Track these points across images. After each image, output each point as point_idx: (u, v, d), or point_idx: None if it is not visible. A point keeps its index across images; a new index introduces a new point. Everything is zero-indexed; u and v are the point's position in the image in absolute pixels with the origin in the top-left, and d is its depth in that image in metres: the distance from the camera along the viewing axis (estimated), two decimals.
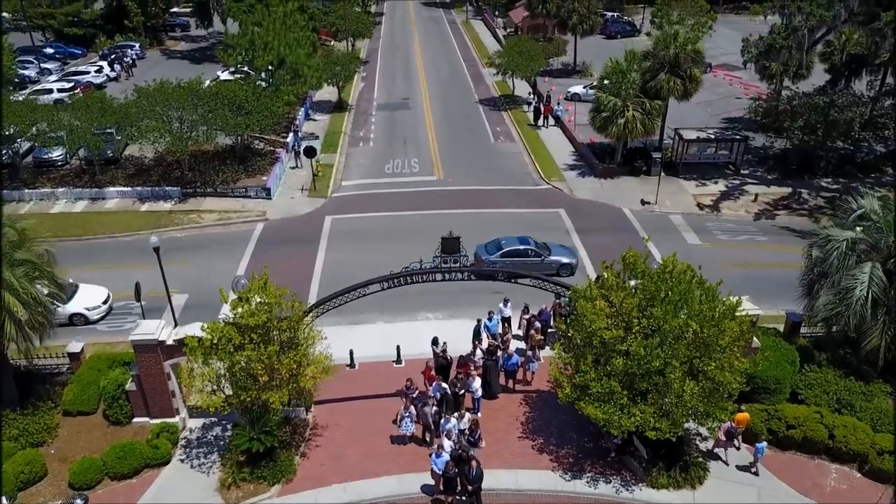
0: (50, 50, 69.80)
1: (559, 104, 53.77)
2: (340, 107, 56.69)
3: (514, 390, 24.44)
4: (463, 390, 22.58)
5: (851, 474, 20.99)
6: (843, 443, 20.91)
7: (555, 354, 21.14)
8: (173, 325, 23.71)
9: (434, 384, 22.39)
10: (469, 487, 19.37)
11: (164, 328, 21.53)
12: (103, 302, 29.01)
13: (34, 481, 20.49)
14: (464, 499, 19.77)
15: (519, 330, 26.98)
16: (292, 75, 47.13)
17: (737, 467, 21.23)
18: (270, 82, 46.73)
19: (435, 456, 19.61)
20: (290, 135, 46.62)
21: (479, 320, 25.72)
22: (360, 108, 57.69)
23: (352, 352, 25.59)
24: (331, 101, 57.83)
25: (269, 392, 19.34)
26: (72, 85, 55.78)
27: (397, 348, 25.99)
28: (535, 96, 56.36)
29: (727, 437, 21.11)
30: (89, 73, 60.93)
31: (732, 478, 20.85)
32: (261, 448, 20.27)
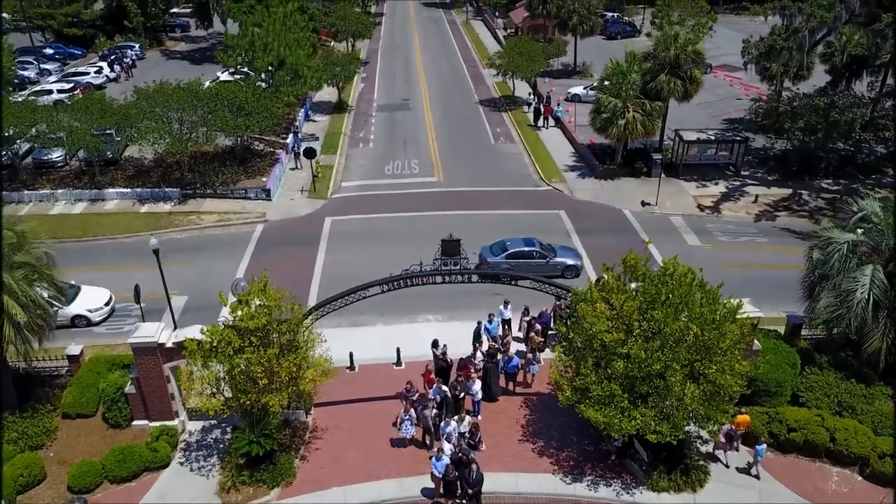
0: (49, 50, 69.66)
1: (559, 105, 53.72)
2: (340, 108, 56.63)
3: (514, 393, 24.40)
4: (463, 393, 22.52)
5: (852, 477, 20.95)
6: (845, 446, 20.87)
7: (555, 357, 21.10)
8: (173, 328, 23.63)
9: (434, 387, 22.33)
10: (469, 491, 19.34)
11: (163, 331, 21.46)
12: (105, 304, 28.94)
13: (33, 485, 20.45)
14: (464, 502, 19.70)
15: (519, 332, 26.93)
16: (292, 76, 47.12)
17: (737, 469, 21.20)
18: (270, 83, 46.69)
19: (435, 459, 19.56)
20: (290, 136, 46.56)
21: (480, 322, 25.64)
22: (360, 109, 57.62)
23: (352, 354, 25.53)
24: (331, 101, 57.76)
25: (268, 395, 19.26)
26: (71, 86, 55.64)
27: (397, 350, 25.93)
28: (536, 97, 56.29)
29: (727, 439, 21.07)
30: (89, 74, 60.81)
31: (733, 481, 20.81)
32: (260, 451, 20.23)
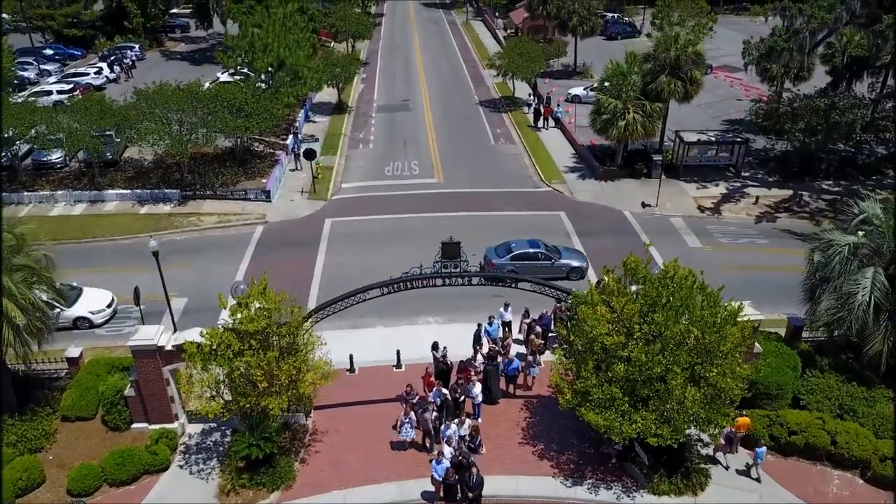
0: (49, 51, 69.56)
1: (559, 106, 53.67)
2: (340, 108, 56.55)
3: (514, 395, 24.35)
4: (463, 396, 22.47)
5: (854, 481, 20.90)
6: (846, 449, 20.82)
7: (556, 360, 21.05)
8: (172, 331, 23.57)
9: (434, 390, 22.27)
10: (469, 494, 19.30)
11: (162, 333, 21.42)
12: (107, 305, 28.87)
13: (32, 488, 20.41)
14: None
15: (519, 334, 26.87)
16: (292, 77, 47.05)
17: (737, 471, 21.17)
18: (270, 84, 46.62)
19: (435, 462, 19.52)
20: (290, 137, 46.49)
21: (480, 325, 25.60)
22: (360, 110, 57.56)
23: (351, 356, 25.47)
24: (331, 102, 57.68)
25: (268, 398, 19.22)
26: (71, 86, 55.55)
27: (397, 353, 25.86)
28: (536, 98, 56.22)
29: (726, 441, 21.05)
30: (89, 75, 60.70)
31: (734, 484, 20.77)
32: (260, 454, 20.20)
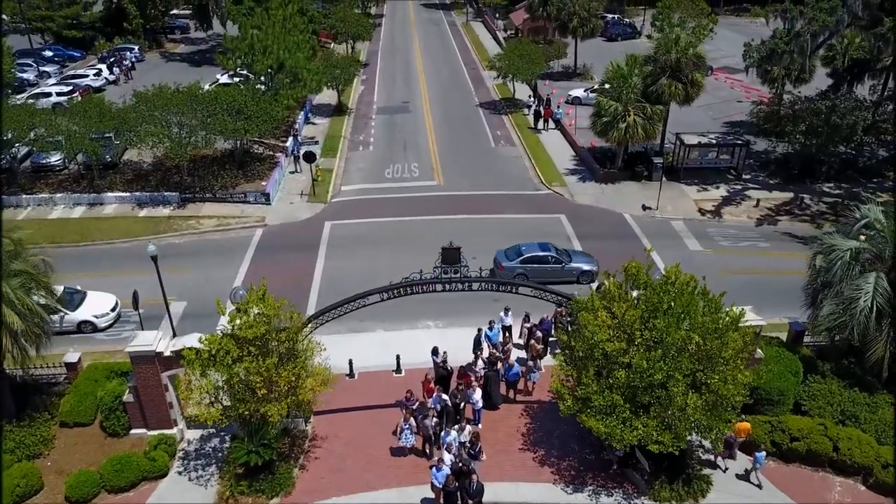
0: (49, 53, 69.43)
1: (559, 107, 53.57)
2: (340, 110, 56.43)
3: (515, 400, 24.24)
4: (463, 402, 22.36)
5: (856, 487, 20.80)
6: (848, 455, 20.72)
7: (556, 365, 20.94)
8: (171, 336, 23.48)
9: (434, 396, 22.15)
10: (470, 502, 19.19)
11: (161, 339, 21.30)
12: (111, 309, 28.71)
13: (30, 495, 20.28)
14: None
15: (520, 339, 26.76)
16: (292, 79, 46.93)
17: (736, 476, 21.10)
18: (270, 86, 46.50)
19: (435, 469, 19.41)
20: (290, 139, 46.36)
21: (480, 329, 25.50)
22: (360, 112, 57.43)
23: (351, 361, 25.35)
24: (330, 104, 57.57)
25: (267, 405, 19.11)
26: (70, 88, 55.42)
27: (397, 357, 25.74)
28: (536, 99, 56.15)
29: (726, 446, 20.97)
30: (88, 77, 60.57)
31: (735, 490, 20.66)
32: (259, 461, 20.08)
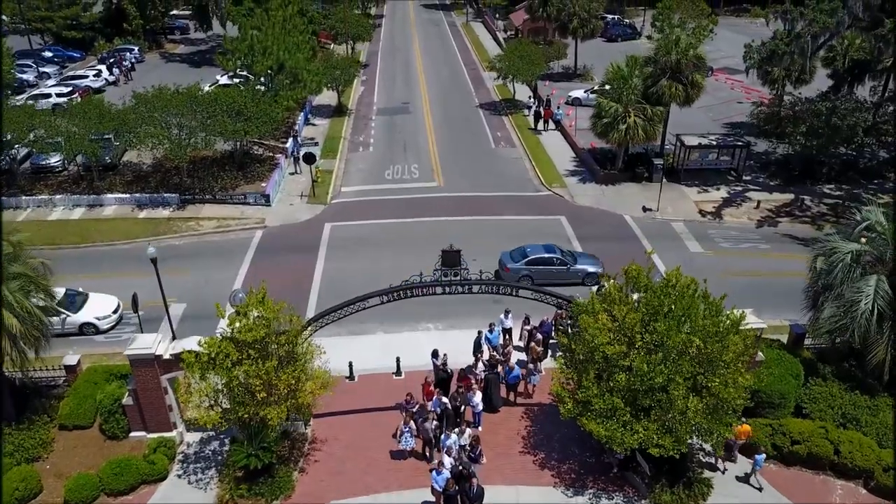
0: (48, 53, 69.38)
1: (559, 108, 53.51)
2: (340, 111, 56.37)
3: (515, 403, 24.20)
4: (463, 405, 22.31)
5: (857, 490, 20.76)
6: (849, 458, 20.68)
7: (557, 368, 20.89)
8: (171, 338, 23.43)
9: (434, 399, 22.10)
10: None
11: (160, 342, 21.25)
12: (113, 311, 28.66)
13: (29, 498, 20.25)
14: None
15: (520, 341, 26.70)
16: (292, 80, 46.92)
17: (736, 478, 21.05)
18: (270, 87, 46.46)
19: (435, 473, 19.36)
20: (290, 140, 46.32)
21: (480, 332, 25.42)
22: (360, 113, 57.36)
23: (351, 364, 25.31)
24: (330, 105, 57.51)
25: (267, 408, 19.07)
26: (70, 89, 55.33)
27: (397, 360, 25.69)
28: (536, 100, 56.09)
29: (726, 449, 20.95)
30: (88, 77, 60.52)
31: (736, 493, 20.61)
32: (259, 464, 20.04)
